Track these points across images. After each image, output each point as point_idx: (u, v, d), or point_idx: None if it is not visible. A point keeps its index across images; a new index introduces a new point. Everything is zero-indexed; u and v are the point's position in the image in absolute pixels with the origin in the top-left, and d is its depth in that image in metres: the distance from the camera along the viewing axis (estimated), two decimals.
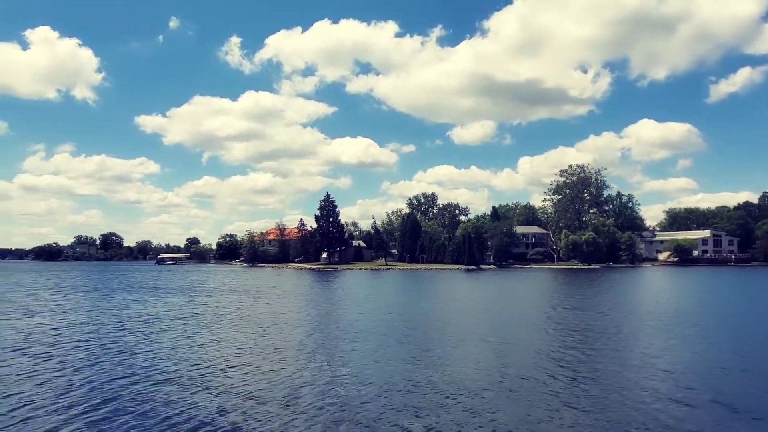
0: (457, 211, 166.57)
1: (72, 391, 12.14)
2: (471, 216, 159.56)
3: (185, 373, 13.88)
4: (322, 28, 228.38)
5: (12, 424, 9.87)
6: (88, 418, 10.35)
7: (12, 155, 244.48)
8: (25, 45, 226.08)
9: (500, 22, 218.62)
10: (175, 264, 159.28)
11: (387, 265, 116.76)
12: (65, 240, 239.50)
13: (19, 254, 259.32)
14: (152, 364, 14.83)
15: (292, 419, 10.31)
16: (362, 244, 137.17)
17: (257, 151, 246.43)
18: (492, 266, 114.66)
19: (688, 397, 11.86)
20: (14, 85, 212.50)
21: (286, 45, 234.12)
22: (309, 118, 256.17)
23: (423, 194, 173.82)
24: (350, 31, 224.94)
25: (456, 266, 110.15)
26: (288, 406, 11.16)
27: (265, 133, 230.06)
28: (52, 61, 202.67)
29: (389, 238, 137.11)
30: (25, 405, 11.01)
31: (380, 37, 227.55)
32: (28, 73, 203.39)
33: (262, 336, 20.37)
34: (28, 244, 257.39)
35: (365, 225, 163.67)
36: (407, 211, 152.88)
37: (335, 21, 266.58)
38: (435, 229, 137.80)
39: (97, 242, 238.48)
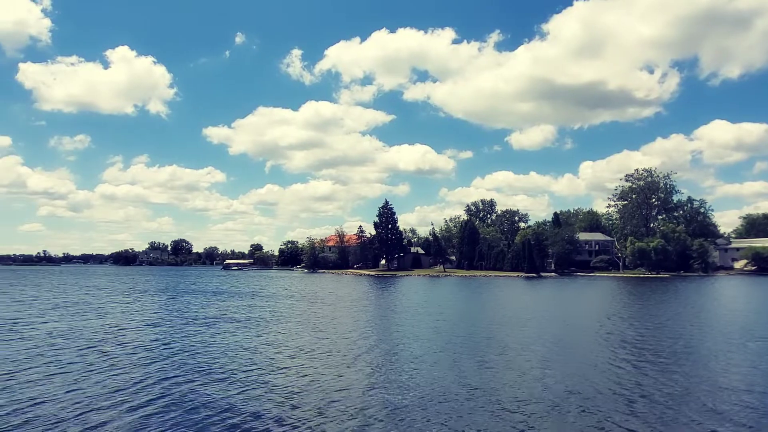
0: (516, 218, 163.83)
1: (131, 385, 13.14)
2: (531, 222, 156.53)
3: (242, 372, 14.62)
4: (379, 37, 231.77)
5: (75, 416, 10.87)
6: (145, 411, 11.17)
7: (94, 167, 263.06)
8: (106, 64, 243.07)
9: (560, 25, 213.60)
10: (239, 269, 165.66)
11: (445, 271, 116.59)
12: (140, 246, 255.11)
13: (100, 259, 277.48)
14: (212, 363, 15.77)
15: (340, 421, 10.59)
16: (420, 251, 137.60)
17: (317, 159, 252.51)
18: (553, 274, 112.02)
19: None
20: (97, 101, 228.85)
21: (344, 55, 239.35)
22: (367, 126, 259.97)
23: (481, 201, 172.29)
24: (407, 40, 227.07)
25: (515, 274, 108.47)
26: (337, 407, 11.48)
27: (324, 141, 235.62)
28: (130, 78, 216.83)
29: (447, 245, 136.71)
30: (87, 399, 12.07)
31: (437, 44, 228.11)
32: (109, 90, 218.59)
33: (318, 339, 21.02)
34: (107, 250, 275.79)
35: (423, 232, 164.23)
36: (465, 218, 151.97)
37: (393, 30, 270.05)
38: (494, 235, 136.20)
39: (169, 248, 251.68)
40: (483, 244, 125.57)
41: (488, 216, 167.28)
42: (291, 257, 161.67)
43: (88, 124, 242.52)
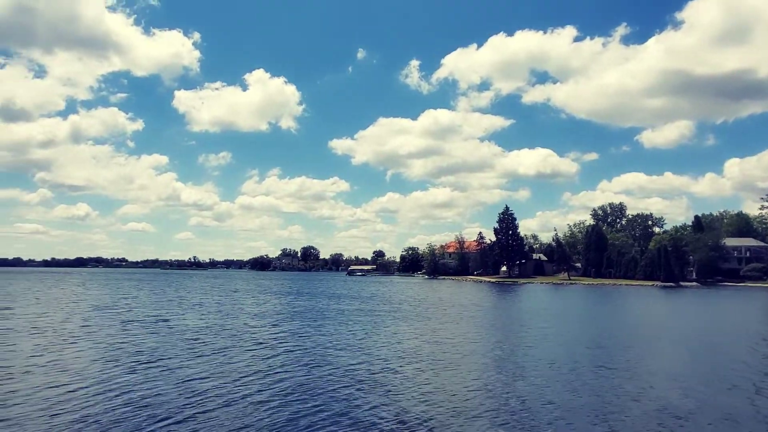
0: (649, 222, 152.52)
1: (254, 382, 15.13)
2: (667, 227, 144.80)
3: (360, 374, 15.83)
4: (496, 42, 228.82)
5: (203, 412, 12.72)
6: (267, 407, 12.38)
7: (234, 180, 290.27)
8: (245, 87, 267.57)
9: (697, 11, 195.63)
10: (363, 275, 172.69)
11: (570, 279, 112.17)
12: (273, 252, 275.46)
13: (239, 264, 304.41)
14: (329, 365, 17.56)
15: (459, 425, 11.09)
16: (543, 258, 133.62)
17: (436, 166, 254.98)
18: (694, 283, 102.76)
19: None
20: (237, 121, 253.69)
21: (461, 62, 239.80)
22: (486, 131, 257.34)
23: (609, 204, 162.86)
24: (525, 42, 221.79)
25: (649, 283, 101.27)
26: (455, 412, 12.01)
27: (443, 149, 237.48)
28: (265, 98, 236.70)
29: (572, 252, 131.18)
30: (213, 398, 13.87)
31: (557, 43, 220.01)
32: (247, 110, 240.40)
33: (438, 344, 22.06)
34: (245, 256, 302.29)
35: (546, 238, 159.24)
36: (591, 223, 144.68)
37: (510, 34, 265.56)
38: (623, 241, 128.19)
39: (299, 254, 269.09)
40: (612, 250, 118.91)
41: (617, 221, 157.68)
42: (412, 263, 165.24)
43: (229, 142, 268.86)
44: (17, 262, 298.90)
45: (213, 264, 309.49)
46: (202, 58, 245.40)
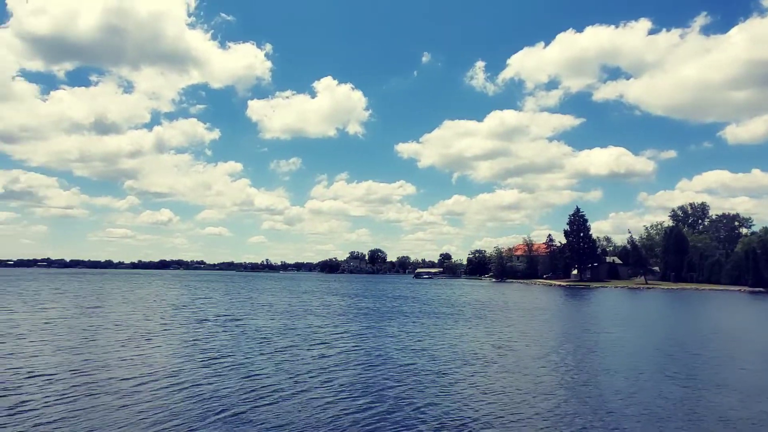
0: (736, 223, 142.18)
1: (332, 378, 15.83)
2: (755, 228, 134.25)
3: (420, 374, 16.27)
4: (565, 39, 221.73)
5: (282, 411, 13.37)
6: (337, 405, 13.13)
7: (304, 185, 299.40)
8: (313, 94, 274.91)
9: None
10: (430, 278, 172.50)
11: (647, 283, 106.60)
12: (342, 255, 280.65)
13: (309, 267, 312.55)
14: (390, 364, 17.94)
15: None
16: (617, 261, 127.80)
17: (503, 168, 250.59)
18: None
19: None
20: (306, 127, 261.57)
21: (528, 62, 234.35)
22: (554, 131, 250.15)
23: (690, 204, 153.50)
24: (596, 37, 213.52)
25: (736, 288, 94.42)
26: (505, 414, 12.22)
27: (510, 150, 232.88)
28: (333, 105, 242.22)
29: (649, 254, 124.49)
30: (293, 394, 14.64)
31: (630, 38, 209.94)
32: (316, 116, 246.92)
33: (502, 347, 21.95)
34: (315, 259, 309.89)
35: (619, 240, 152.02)
36: (670, 224, 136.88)
37: (579, 30, 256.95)
38: (706, 243, 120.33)
39: (366, 257, 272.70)
40: (693, 253, 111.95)
41: (699, 222, 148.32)
42: (479, 266, 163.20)
43: (299, 148, 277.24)
44: (109, 264, 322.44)
45: (284, 266, 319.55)
46: (273, 68, 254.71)
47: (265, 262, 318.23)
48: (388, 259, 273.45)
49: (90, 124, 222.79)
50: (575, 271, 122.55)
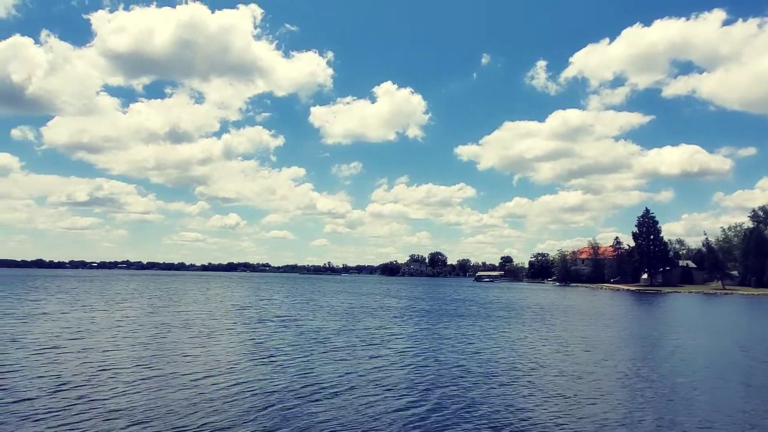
0: None
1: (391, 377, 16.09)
2: None
3: (475, 376, 16.32)
4: (632, 34, 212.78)
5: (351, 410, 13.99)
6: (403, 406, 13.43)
7: (365, 189, 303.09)
8: (373, 99, 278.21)
9: None
10: (491, 281, 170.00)
11: (724, 289, 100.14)
12: (402, 258, 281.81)
13: (370, 269, 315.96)
14: (450, 366, 18.01)
15: None
16: (691, 265, 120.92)
17: (566, 169, 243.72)
18: None
19: None
20: (366, 132, 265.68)
21: (591, 59, 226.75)
22: (621, 130, 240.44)
23: None
24: (665, 31, 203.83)
25: None
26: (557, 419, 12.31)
27: (573, 150, 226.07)
28: (393, 109, 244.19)
29: (726, 258, 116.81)
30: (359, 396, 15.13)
31: (702, 30, 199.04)
32: (376, 121, 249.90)
33: (567, 351, 21.48)
34: (375, 261, 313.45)
35: (693, 243, 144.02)
36: (750, 226, 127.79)
37: (647, 24, 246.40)
38: None
39: (426, 260, 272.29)
40: None
41: None
42: (541, 270, 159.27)
43: (360, 153, 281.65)
44: (181, 267, 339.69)
45: (346, 269, 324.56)
46: (334, 75, 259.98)
47: (327, 265, 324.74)
48: (449, 262, 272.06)
49: (165, 133, 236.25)
50: (645, 276, 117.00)
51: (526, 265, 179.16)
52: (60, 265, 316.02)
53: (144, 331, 24.25)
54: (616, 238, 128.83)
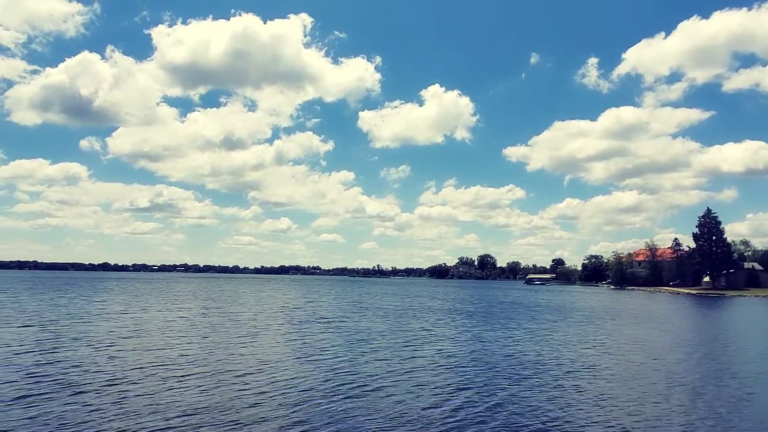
0: None
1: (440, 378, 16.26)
2: None
3: (524, 378, 16.23)
4: (689, 27, 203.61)
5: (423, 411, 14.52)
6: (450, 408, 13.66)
7: (413, 192, 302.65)
8: (421, 102, 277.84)
9: None
10: (542, 284, 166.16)
11: None
12: (451, 261, 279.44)
13: (418, 272, 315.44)
14: (495, 369, 17.95)
15: None
16: (757, 267, 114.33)
17: (620, 168, 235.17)
18: None
19: None
20: (414, 135, 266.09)
21: (646, 55, 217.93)
22: (679, 127, 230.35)
23: None
24: (725, 23, 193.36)
25: None
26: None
27: (627, 149, 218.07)
28: (440, 112, 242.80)
29: None
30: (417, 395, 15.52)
31: (766, 20, 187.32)
32: (424, 124, 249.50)
33: (622, 356, 20.90)
34: (424, 264, 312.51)
35: (759, 244, 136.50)
36: None
37: (705, 16, 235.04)
38: None
39: (475, 263, 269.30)
40: None
41: None
42: (595, 272, 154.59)
43: (408, 156, 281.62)
44: (235, 270, 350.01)
45: (395, 272, 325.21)
46: (382, 79, 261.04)
47: (376, 268, 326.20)
48: (498, 265, 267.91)
49: (220, 141, 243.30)
50: (707, 279, 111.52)
51: (579, 268, 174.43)
52: (124, 268, 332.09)
53: (199, 330, 25.42)
54: (675, 239, 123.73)
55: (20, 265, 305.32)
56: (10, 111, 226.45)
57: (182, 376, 14.85)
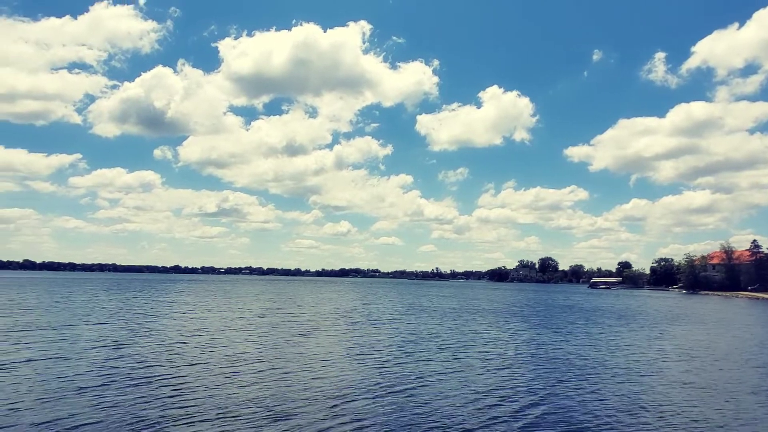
0: None
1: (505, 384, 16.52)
2: None
3: (588, 383, 16.02)
4: (765, 16, 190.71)
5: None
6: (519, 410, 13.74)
7: (471, 195, 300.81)
8: (479, 104, 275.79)
9: None
10: (607, 288, 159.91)
11: None
12: (510, 264, 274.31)
13: (478, 275, 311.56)
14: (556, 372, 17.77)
15: None
16: None
17: (690, 167, 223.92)
18: None
19: None
20: (472, 138, 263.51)
21: (718, 47, 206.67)
22: (756, 122, 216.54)
23: None
24: None
25: None
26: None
27: (699, 146, 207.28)
28: (499, 113, 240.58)
29: None
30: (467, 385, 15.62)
31: None
32: (482, 126, 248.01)
33: (696, 365, 20.30)
34: (483, 267, 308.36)
35: None
36: None
37: None
38: None
39: (536, 266, 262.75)
40: None
41: None
42: (664, 276, 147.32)
43: (466, 158, 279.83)
44: (297, 272, 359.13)
45: (453, 275, 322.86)
46: (440, 82, 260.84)
47: (435, 271, 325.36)
48: (560, 268, 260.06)
49: (282, 147, 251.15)
50: None
51: (647, 271, 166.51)
52: (193, 271, 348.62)
53: (257, 329, 26.70)
54: (754, 241, 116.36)
55: (101, 268, 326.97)
56: (92, 124, 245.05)
57: (238, 371, 15.81)
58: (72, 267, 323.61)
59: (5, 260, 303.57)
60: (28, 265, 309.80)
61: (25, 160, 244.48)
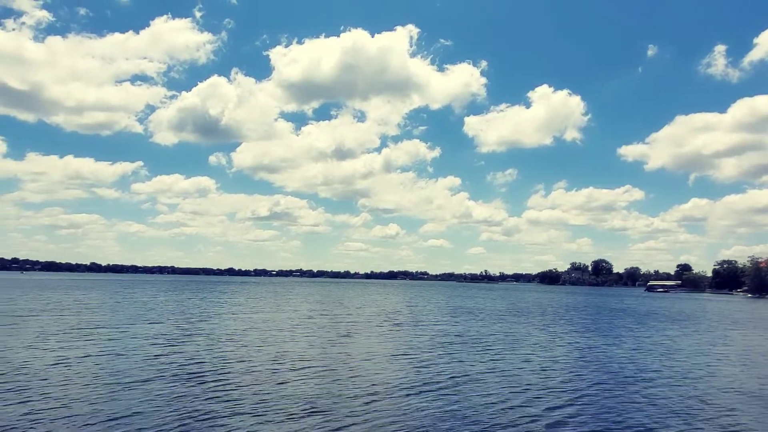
0: None
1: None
2: None
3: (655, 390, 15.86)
4: None
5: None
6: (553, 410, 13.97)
7: (520, 196, 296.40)
8: (528, 104, 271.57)
9: None
10: (665, 291, 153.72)
11: None
12: (562, 266, 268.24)
13: (528, 278, 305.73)
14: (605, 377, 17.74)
15: None
16: None
17: (754, 164, 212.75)
18: None
19: None
20: (521, 138, 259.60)
21: None
22: None
23: None
24: None
25: None
26: None
27: (764, 142, 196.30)
28: (549, 113, 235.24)
29: None
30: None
31: None
32: (531, 126, 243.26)
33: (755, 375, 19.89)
34: (534, 270, 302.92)
35: None
36: None
37: None
38: None
39: (589, 268, 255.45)
40: None
41: None
42: (728, 279, 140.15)
43: (515, 160, 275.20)
44: (347, 275, 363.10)
45: (503, 277, 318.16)
46: (488, 83, 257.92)
47: (483, 273, 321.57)
48: (614, 271, 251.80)
49: (331, 152, 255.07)
50: None
51: (709, 274, 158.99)
52: (246, 273, 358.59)
53: (306, 329, 27.58)
54: None
55: (160, 270, 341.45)
56: (152, 133, 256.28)
57: (282, 368, 16.50)
58: (134, 269, 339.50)
59: (74, 263, 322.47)
60: (94, 268, 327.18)
61: (92, 168, 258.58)
